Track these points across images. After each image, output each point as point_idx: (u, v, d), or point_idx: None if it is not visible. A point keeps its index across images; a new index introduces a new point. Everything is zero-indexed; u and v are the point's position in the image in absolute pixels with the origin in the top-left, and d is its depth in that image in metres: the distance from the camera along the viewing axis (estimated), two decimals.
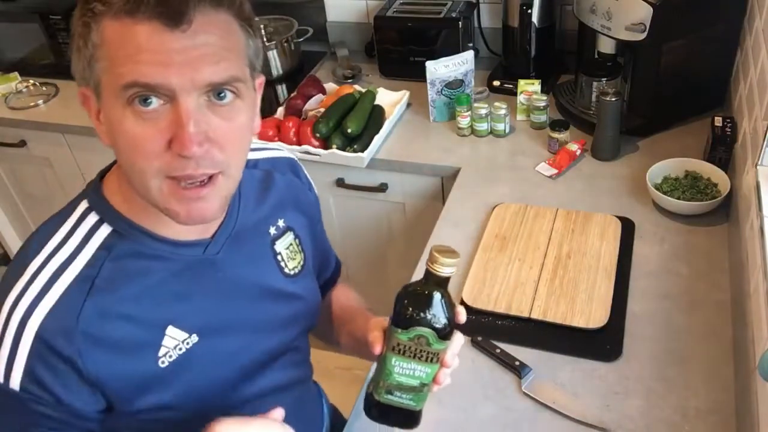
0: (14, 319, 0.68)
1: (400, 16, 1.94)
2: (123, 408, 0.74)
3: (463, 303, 1.24)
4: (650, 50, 1.51)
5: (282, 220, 0.88)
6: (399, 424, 0.77)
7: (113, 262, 0.72)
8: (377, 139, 1.70)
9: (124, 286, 0.72)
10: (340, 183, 1.78)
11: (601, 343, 1.14)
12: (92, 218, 0.73)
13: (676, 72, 1.56)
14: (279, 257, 0.87)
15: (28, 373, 0.68)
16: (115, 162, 0.75)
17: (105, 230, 0.72)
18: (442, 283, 0.74)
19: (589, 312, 1.18)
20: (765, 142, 1.15)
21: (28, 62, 2.33)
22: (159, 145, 0.64)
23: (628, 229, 1.36)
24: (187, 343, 0.76)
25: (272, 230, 0.87)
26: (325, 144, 1.71)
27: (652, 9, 1.41)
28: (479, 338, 1.17)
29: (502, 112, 1.68)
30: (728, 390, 1.06)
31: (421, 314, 0.72)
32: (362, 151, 1.68)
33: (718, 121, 1.44)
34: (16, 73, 2.30)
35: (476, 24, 1.97)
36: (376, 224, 1.88)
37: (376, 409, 0.75)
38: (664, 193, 1.39)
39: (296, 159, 0.98)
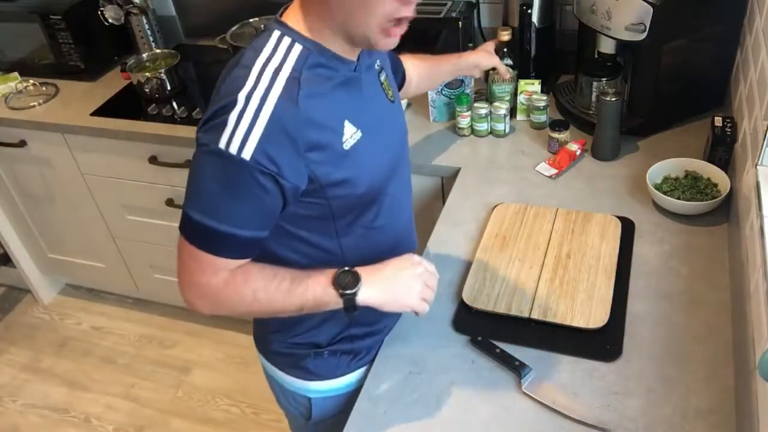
0: (251, 106, 0.87)
1: None
2: (321, 179, 0.94)
3: (463, 303, 1.24)
4: (650, 50, 1.51)
5: (378, 60, 1.10)
6: None
7: (308, 70, 0.92)
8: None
9: (318, 86, 0.93)
10: None
11: (601, 343, 1.14)
12: (287, 40, 0.93)
13: (676, 72, 1.56)
14: (383, 86, 1.10)
15: (261, 146, 0.87)
16: (286, 7, 0.97)
17: (298, 47, 0.93)
18: None
19: (589, 312, 1.18)
20: (765, 142, 1.15)
21: (28, 62, 2.33)
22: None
23: (628, 229, 1.36)
24: (356, 136, 0.98)
25: (377, 66, 1.09)
26: None
27: (652, 9, 1.41)
28: (479, 338, 1.17)
29: (502, 112, 1.68)
30: (728, 390, 1.06)
31: None
32: None
33: (718, 121, 1.44)
34: (16, 73, 2.30)
35: (476, 24, 1.97)
36: None
37: None
38: (664, 193, 1.39)
39: None
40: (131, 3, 2.25)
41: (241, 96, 0.88)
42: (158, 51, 2.26)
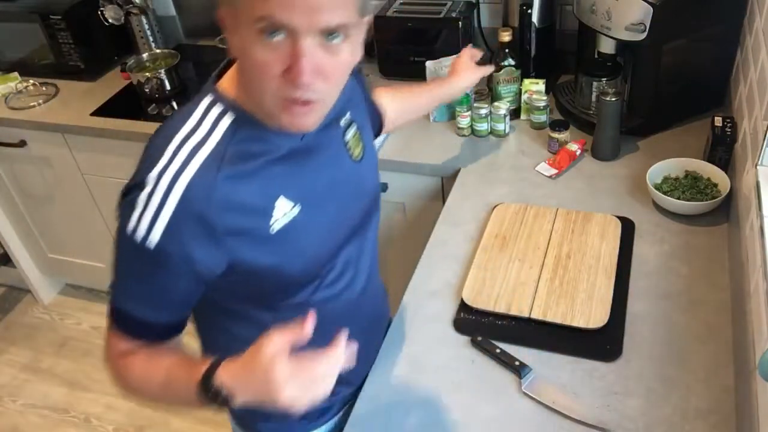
0: (160, 187, 0.80)
1: (400, 16, 1.94)
2: (241, 267, 0.87)
3: (463, 303, 1.24)
4: (650, 50, 1.51)
5: (349, 112, 1.02)
6: None
7: (236, 145, 0.85)
8: (377, 140, 1.70)
9: (245, 164, 0.85)
10: None
11: (601, 343, 1.14)
12: (216, 109, 0.87)
13: (676, 72, 1.56)
14: (347, 145, 1.02)
15: (168, 233, 0.80)
16: (226, 66, 0.91)
17: (228, 119, 0.86)
18: None
19: (589, 312, 1.18)
20: (765, 142, 1.15)
21: (28, 62, 2.33)
22: (277, 70, 0.77)
23: (628, 229, 1.36)
24: (292, 213, 0.90)
25: (342, 122, 1.02)
26: None
27: (652, 9, 1.41)
28: (479, 338, 1.17)
29: (502, 112, 1.68)
30: (728, 390, 1.06)
31: None
32: None
33: (718, 121, 1.44)
34: (16, 73, 2.30)
35: (476, 24, 1.97)
36: None
37: None
38: (664, 193, 1.39)
39: None
40: (131, 3, 2.25)
41: (152, 175, 0.81)
42: (158, 51, 2.27)
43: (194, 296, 0.90)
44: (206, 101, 0.88)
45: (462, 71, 1.45)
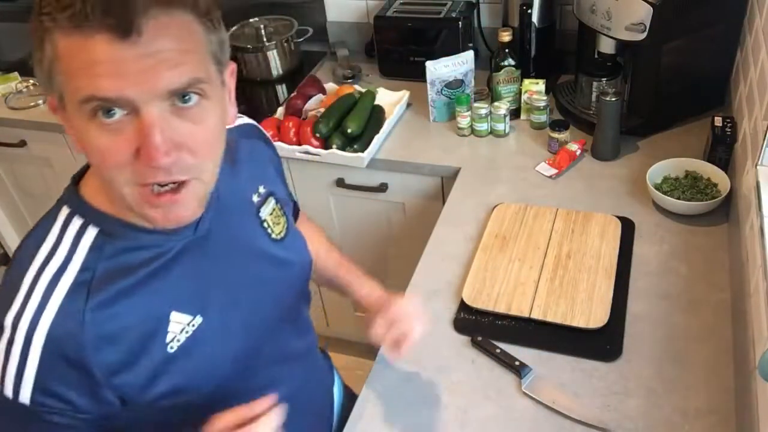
0: (19, 334, 0.67)
1: (400, 16, 1.94)
2: (138, 399, 0.73)
3: (463, 303, 1.24)
4: (650, 50, 1.51)
5: (262, 186, 0.88)
6: None
7: (106, 261, 0.71)
8: (377, 139, 1.70)
9: (122, 282, 0.71)
10: (340, 183, 1.78)
11: (601, 343, 1.14)
12: (77, 222, 0.72)
13: (676, 72, 1.56)
14: (265, 224, 0.87)
15: (40, 385, 0.68)
16: (87, 166, 0.75)
17: (92, 232, 0.72)
18: None
19: (589, 312, 1.18)
20: (765, 142, 1.15)
21: (28, 62, 2.32)
22: (126, 154, 0.63)
23: (628, 229, 1.36)
24: (192, 325, 0.76)
25: (255, 198, 0.87)
26: (325, 144, 1.71)
27: (652, 9, 1.41)
28: (479, 338, 1.17)
29: (502, 112, 1.68)
30: (728, 390, 1.06)
31: None
32: (362, 151, 1.68)
33: (718, 121, 1.44)
34: (16, 73, 2.30)
35: (476, 24, 1.97)
36: (376, 224, 1.88)
37: None
38: (664, 193, 1.39)
39: (255, 123, 0.98)
40: None
41: (8, 321, 0.68)
42: None
43: None
44: (63, 213, 0.73)
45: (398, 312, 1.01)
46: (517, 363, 1.12)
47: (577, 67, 1.72)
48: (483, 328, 1.20)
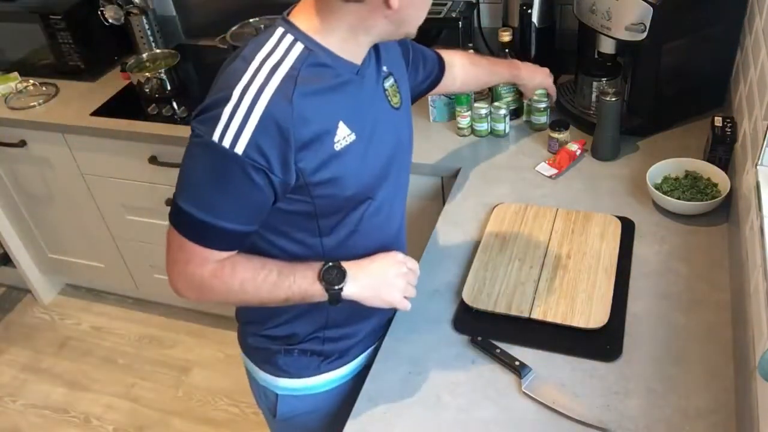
0: (245, 102, 0.88)
1: None
2: (307, 178, 0.94)
3: (462, 303, 1.24)
4: (650, 50, 1.51)
5: (386, 66, 1.09)
6: None
7: (307, 68, 0.92)
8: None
9: (315, 85, 0.93)
10: None
11: (601, 343, 1.14)
12: (289, 38, 0.94)
13: (676, 72, 1.56)
14: (386, 93, 1.09)
15: (254, 140, 0.88)
16: (294, 6, 0.98)
17: (299, 46, 0.93)
18: None
19: (589, 312, 1.18)
20: (765, 142, 1.15)
21: (28, 62, 2.33)
22: None
23: (628, 229, 1.36)
24: (347, 140, 0.97)
25: (383, 71, 1.09)
26: None
27: (652, 9, 1.41)
28: (479, 338, 1.17)
29: (502, 112, 1.68)
30: (728, 390, 1.06)
31: None
32: None
33: (718, 121, 1.44)
34: (16, 73, 2.30)
35: (476, 24, 1.97)
36: None
37: None
38: (664, 193, 1.39)
39: None
40: (131, 3, 2.25)
41: (237, 90, 0.89)
42: (158, 51, 2.26)
43: (266, 209, 0.97)
44: (279, 32, 0.95)
45: (541, 74, 1.57)
46: (517, 363, 1.12)
47: (577, 67, 1.72)
48: (483, 328, 1.20)
